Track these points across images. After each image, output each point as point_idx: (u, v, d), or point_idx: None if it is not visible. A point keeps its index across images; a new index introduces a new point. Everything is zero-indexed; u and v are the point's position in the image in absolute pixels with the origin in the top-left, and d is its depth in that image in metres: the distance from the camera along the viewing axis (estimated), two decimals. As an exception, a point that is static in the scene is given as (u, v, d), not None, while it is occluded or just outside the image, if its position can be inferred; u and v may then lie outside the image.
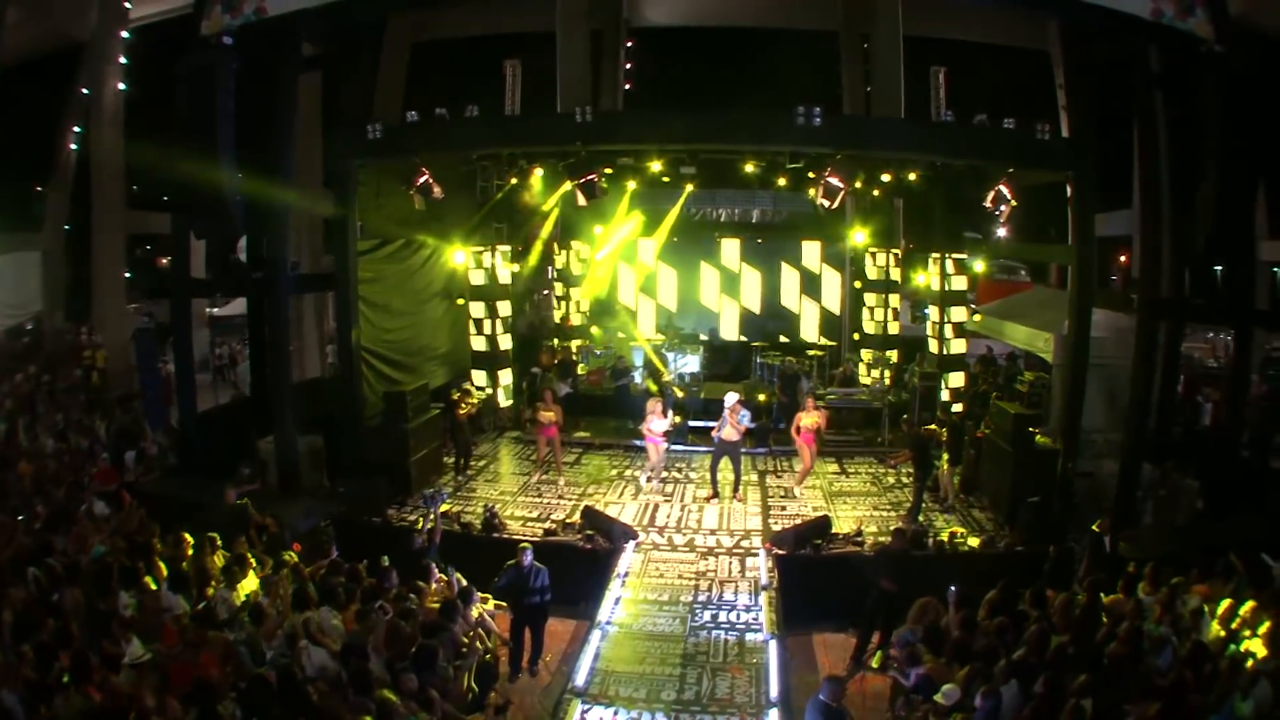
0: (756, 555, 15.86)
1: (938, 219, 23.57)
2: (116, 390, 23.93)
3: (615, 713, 11.45)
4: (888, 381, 25.59)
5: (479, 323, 24.53)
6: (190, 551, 12.99)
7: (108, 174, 26.29)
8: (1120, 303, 17.97)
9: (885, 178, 21.58)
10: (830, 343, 29.19)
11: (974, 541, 16.07)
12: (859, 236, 27.04)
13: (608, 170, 21.28)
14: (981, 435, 18.90)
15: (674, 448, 19.98)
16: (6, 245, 26.55)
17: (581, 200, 19.45)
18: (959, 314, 23.49)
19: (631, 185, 24.62)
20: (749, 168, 20.39)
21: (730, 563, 15.73)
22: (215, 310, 32.56)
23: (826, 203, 18.30)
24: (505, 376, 25.06)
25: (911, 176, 20.56)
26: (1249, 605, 11.43)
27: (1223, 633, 11.38)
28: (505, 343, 24.97)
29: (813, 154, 18.73)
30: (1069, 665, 10.37)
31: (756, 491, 19.44)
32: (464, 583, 13.30)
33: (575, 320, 29.72)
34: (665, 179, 23.19)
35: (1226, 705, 9.48)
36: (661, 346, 27.74)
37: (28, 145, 27.38)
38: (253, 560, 12.83)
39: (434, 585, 13.42)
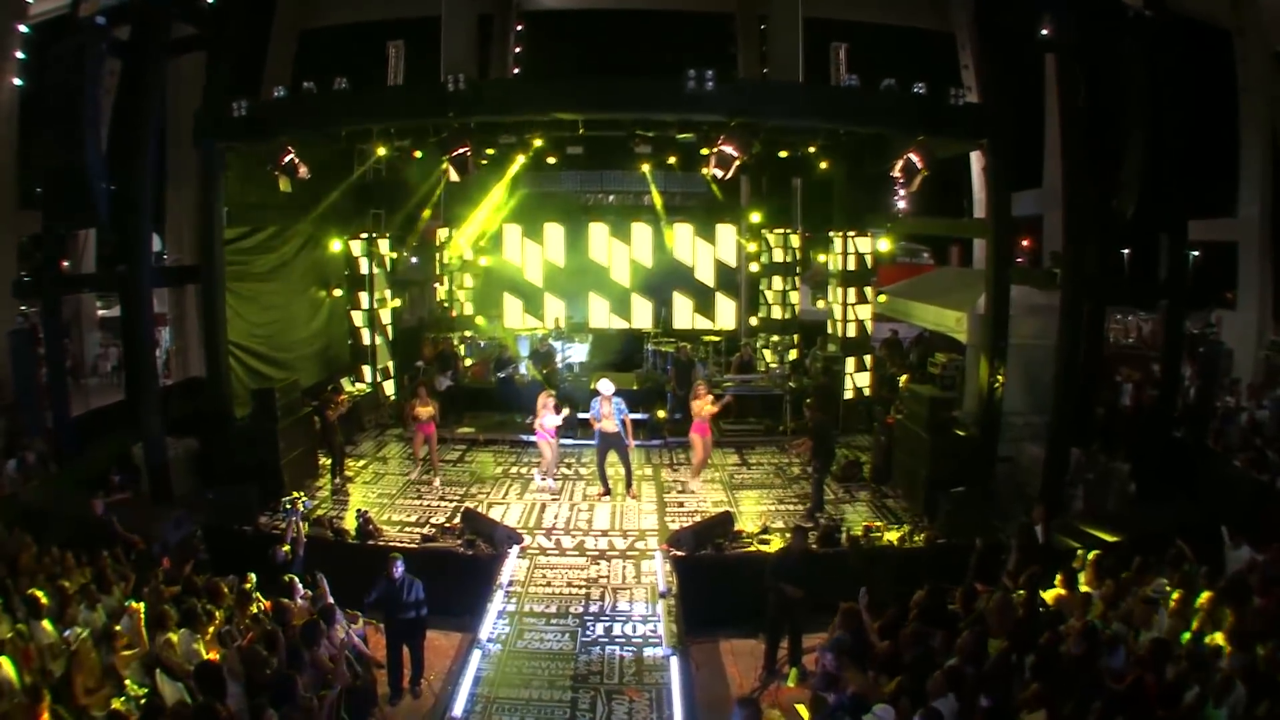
0: (653, 558, 14.42)
1: (838, 197, 22.77)
2: (6, 398, 22.29)
3: (499, 745, 10.05)
4: (788, 367, 24.39)
5: (356, 314, 23.21)
6: (54, 569, 12.06)
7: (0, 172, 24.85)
8: (1042, 280, 17.04)
9: (783, 154, 20.51)
10: (727, 328, 28.08)
11: (891, 536, 14.90)
12: (755, 218, 26.23)
13: (490, 150, 20.53)
14: (892, 421, 17.79)
15: (562, 442, 18.61)
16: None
17: (454, 175, 17.89)
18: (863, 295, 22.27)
19: (516, 167, 23.54)
20: (639, 147, 19.02)
21: (624, 567, 14.27)
22: (105, 311, 30.78)
23: (720, 173, 16.88)
24: (385, 371, 23.82)
25: (810, 149, 19.35)
26: (1205, 596, 10.50)
27: (1179, 628, 10.34)
28: (385, 335, 23.69)
29: (705, 127, 17.54)
30: (1013, 673, 9.15)
31: (651, 487, 18.18)
32: (329, 598, 11.84)
33: (460, 310, 28.46)
34: (551, 160, 22.69)
35: (1198, 716, 8.34)
36: (548, 336, 26.45)
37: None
38: (112, 578, 11.81)
39: (299, 602, 11.88)
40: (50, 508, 15.46)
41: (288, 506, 13.94)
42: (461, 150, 17.11)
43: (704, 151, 18.38)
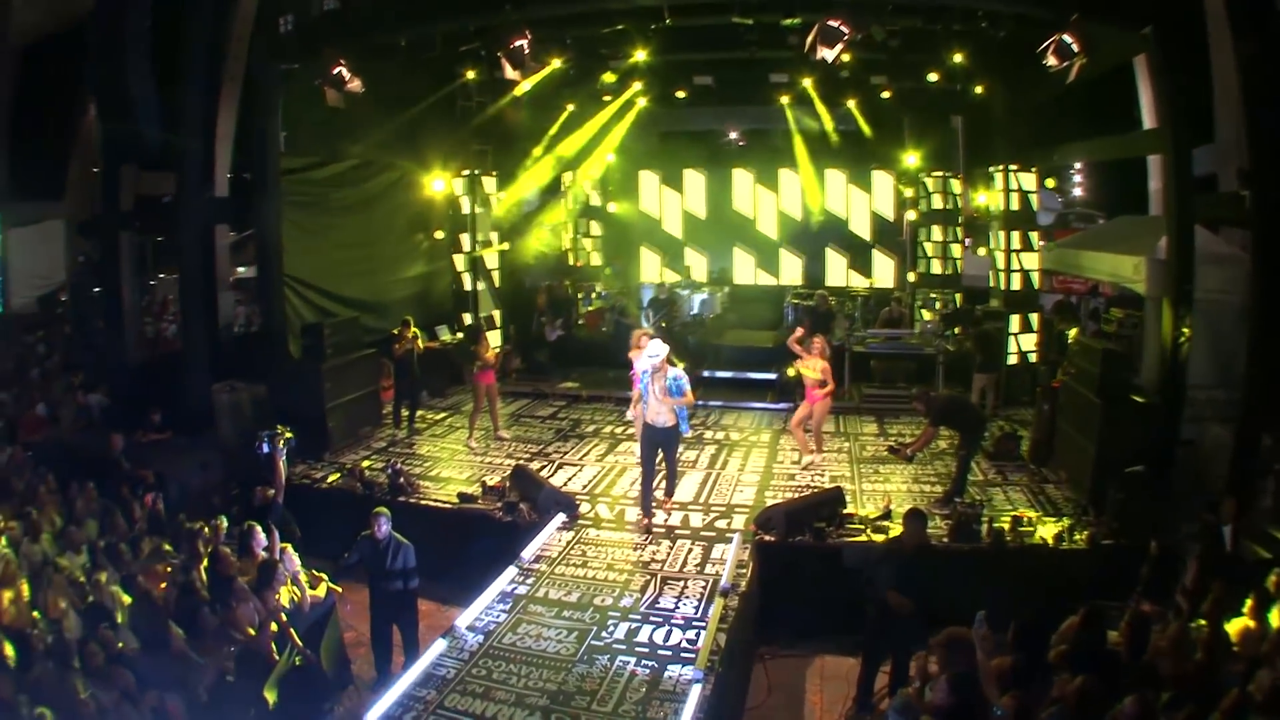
0: (729, 541, 11.48)
1: (999, 130, 19.87)
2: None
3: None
4: (942, 324, 21.44)
5: (458, 258, 21.62)
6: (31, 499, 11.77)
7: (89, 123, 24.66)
8: (1228, 205, 13.77)
9: (933, 76, 18.22)
10: (884, 285, 25.14)
11: (1046, 531, 11.61)
12: (912, 161, 23.18)
13: (607, 77, 19.47)
14: (1059, 384, 14.47)
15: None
16: (33, 215, 25.20)
17: (510, 73, 15.13)
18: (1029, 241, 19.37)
19: (640, 102, 22.22)
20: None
21: (690, 550, 11.39)
22: (246, 272, 30.14)
23: (827, 53, 13.53)
24: (490, 321, 21.96)
25: (957, 58, 16.52)
26: None
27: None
28: (492, 282, 22.07)
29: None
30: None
31: (762, 455, 15.45)
32: (276, 555, 10.17)
33: (586, 260, 26.57)
34: (681, 94, 21.48)
35: None
36: (677, 285, 24.21)
37: (55, 116, 25.70)
38: (82, 514, 11.44)
39: (260, 554, 10.20)
40: (83, 445, 14.71)
41: (266, 442, 11.53)
42: (518, 41, 14.33)
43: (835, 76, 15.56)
